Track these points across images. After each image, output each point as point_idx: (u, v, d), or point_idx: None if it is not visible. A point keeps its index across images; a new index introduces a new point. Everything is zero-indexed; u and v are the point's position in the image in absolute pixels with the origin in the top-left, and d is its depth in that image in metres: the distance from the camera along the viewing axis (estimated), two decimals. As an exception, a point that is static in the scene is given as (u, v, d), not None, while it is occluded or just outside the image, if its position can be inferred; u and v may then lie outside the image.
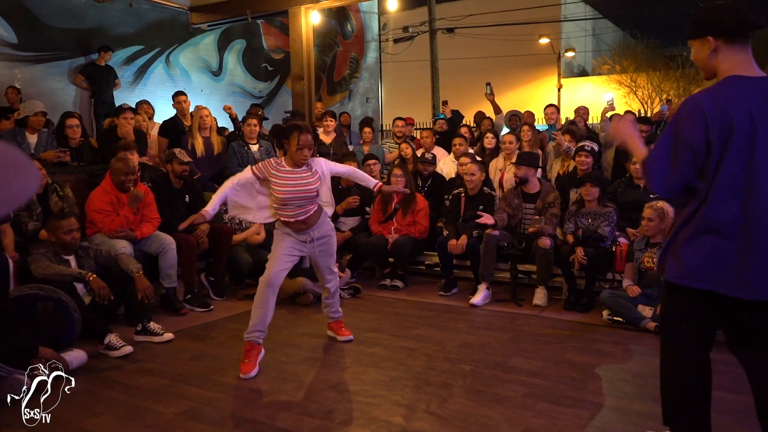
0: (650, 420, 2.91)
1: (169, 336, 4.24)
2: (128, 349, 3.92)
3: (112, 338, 3.92)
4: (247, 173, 3.72)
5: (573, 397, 3.19)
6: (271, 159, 3.79)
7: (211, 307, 5.11)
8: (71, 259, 4.30)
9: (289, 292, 5.26)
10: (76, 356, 3.64)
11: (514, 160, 6.20)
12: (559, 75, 23.12)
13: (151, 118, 7.36)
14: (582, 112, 7.70)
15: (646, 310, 4.40)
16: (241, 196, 3.76)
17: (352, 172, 4.20)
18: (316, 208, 3.79)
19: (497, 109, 7.61)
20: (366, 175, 4.20)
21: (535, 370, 3.59)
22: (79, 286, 4.17)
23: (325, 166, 3.85)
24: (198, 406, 3.15)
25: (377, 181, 4.07)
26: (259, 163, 3.75)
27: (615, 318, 4.50)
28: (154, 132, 6.89)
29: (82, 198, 5.06)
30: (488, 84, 7.53)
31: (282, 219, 3.76)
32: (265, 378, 3.53)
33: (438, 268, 5.87)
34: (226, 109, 7.36)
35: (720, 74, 2.19)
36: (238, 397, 3.26)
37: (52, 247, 4.25)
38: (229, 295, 5.52)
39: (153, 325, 4.25)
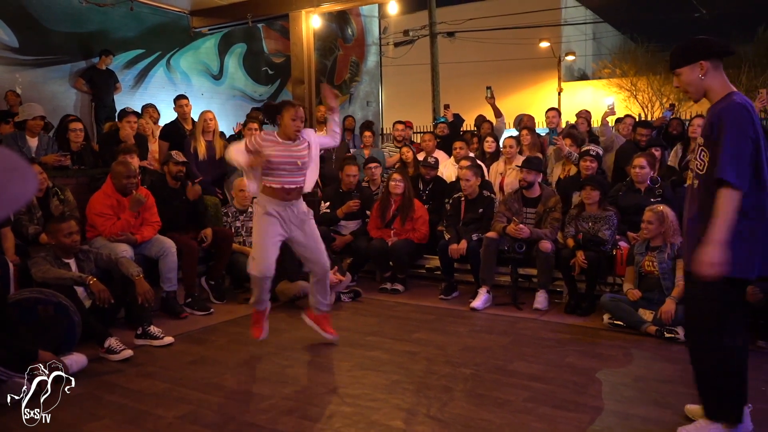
0: (652, 425, 2.91)
1: (169, 340, 4.24)
2: (128, 352, 3.91)
3: (112, 342, 3.91)
4: (240, 144, 3.91)
5: (574, 401, 3.19)
6: (262, 132, 3.97)
7: (212, 310, 5.10)
8: (71, 262, 4.31)
9: (289, 295, 5.26)
10: (76, 360, 3.64)
11: (513, 165, 6.21)
12: (559, 79, 23.13)
13: (156, 122, 7.36)
14: (585, 114, 7.75)
15: (646, 314, 4.39)
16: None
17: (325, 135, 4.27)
18: (301, 184, 3.95)
19: (498, 113, 7.61)
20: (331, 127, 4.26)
21: (536, 374, 3.58)
22: (80, 290, 4.17)
23: (313, 136, 4.05)
24: (198, 410, 3.14)
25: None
26: (251, 137, 3.90)
27: (616, 322, 4.49)
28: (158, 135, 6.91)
29: (82, 202, 5.06)
30: (489, 88, 7.53)
31: (269, 186, 3.85)
32: (265, 382, 3.53)
33: (439, 272, 5.86)
34: (237, 128, 7.44)
35: (711, 92, 2.60)
36: (238, 401, 3.26)
37: (52, 250, 4.25)
38: (229, 299, 5.52)
39: (153, 329, 4.24)
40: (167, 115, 7.64)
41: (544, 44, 22.10)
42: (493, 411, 3.08)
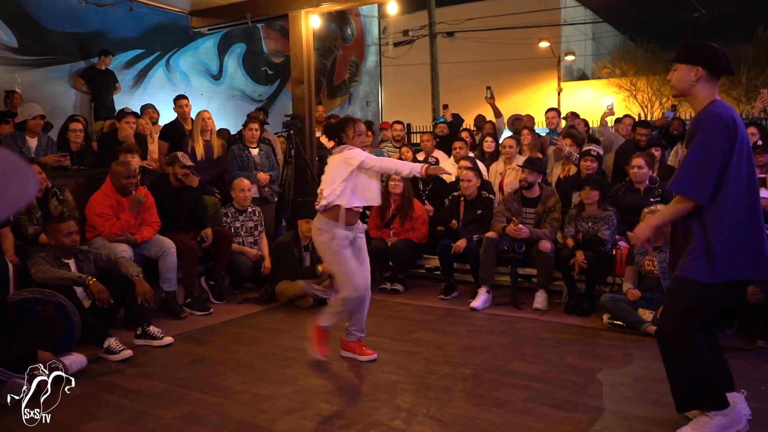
0: (651, 425, 2.91)
1: (168, 340, 4.24)
2: (128, 353, 3.91)
3: (111, 342, 3.91)
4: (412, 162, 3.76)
5: (573, 402, 3.19)
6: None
7: (211, 310, 5.10)
8: (71, 262, 4.30)
9: (289, 295, 5.26)
10: (75, 360, 3.63)
11: (513, 165, 6.21)
12: (559, 79, 23.13)
13: (156, 122, 7.34)
14: (570, 117, 7.84)
15: (646, 314, 4.39)
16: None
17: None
18: None
19: (498, 113, 7.61)
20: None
21: (535, 374, 3.58)
22: (79, 290, 4.17)
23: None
24: (198, 410, 3.14)
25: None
26: (355, 153, 3.65)
27: (615, 322, 4.49)
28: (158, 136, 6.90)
29: (82, 202, 5.06)
30: (489, 88, 7.52)
31: (349, 209, 3.65)
32: (265, 382, 3.53)
33: (438, 272, 5.86)
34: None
35: (695, 99, 2.67)
36: (238, 401, 3.26)
37: (51, 250, 4.25)
38: (229, 299, 5.51)
39: (153, 329, 4.24)
40: (167, 115, 7.63)
41: (544, 44, 22.09)
42: (492, 411, 3.08)
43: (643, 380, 3.49)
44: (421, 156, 6.91)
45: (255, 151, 6.42)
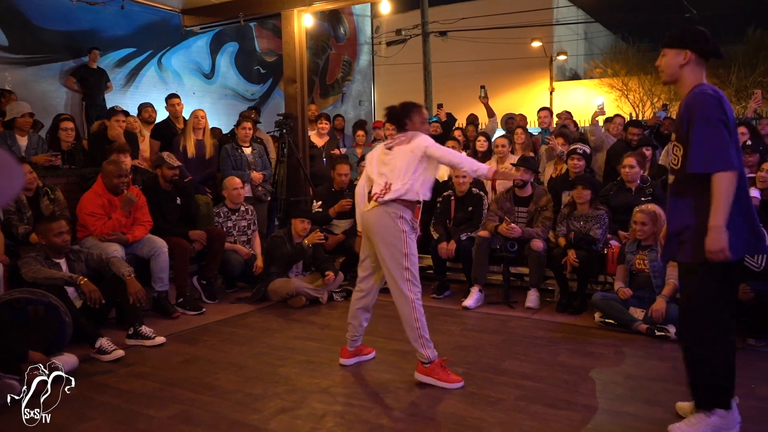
0: (643, 422, 2.92)
1: (161, 340, 4.22)
2: (120, 353, 3.89)
3: (103, 342, 3.89)
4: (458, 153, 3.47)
5: (566, 400, 3.20)
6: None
7: (203, 310, 5.09)
8: (62, 262, 4.28)
9: (282, 294, 5.25)
10: (66, 360, 3.61)
11: (505, 164, 6.22)
12: (551, 78, 23.19)
13: (153, 122, 7.28)
14: (563, 116, 7.92)
15: (637, 312, 4.41)
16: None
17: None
18: None
19: (491, 113, 7.62)
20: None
21: (527, 373, 3.60)
22: (70, 290, 4.14)
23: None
24: (190, 410, 3.13)
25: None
26: (421, 139, 3.44)
27: (607, 320, 4.52)
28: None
29: (73, 201, 5.03)
30: (483, 87, 7.53)
31: (418, 204, 3.45)
32: (257, 381, 3.52)
33: (431, 271, 5.87)
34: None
35: (683, 82, 2.69)
36: (230, 401, 3.25)
37: (42, 250, 4.22)
38: (221, 299, 5.50)
39: (145, 329, 4.23)
40: (159, 114, 7.60)
41: (536, 44, 22.13)
42: (485, 409, 3.09)
43: (635, 378, 3.51)
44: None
45: (248, 150, 6.40)
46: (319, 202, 6.16)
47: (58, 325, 3.76)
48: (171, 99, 6.88)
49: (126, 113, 6.46)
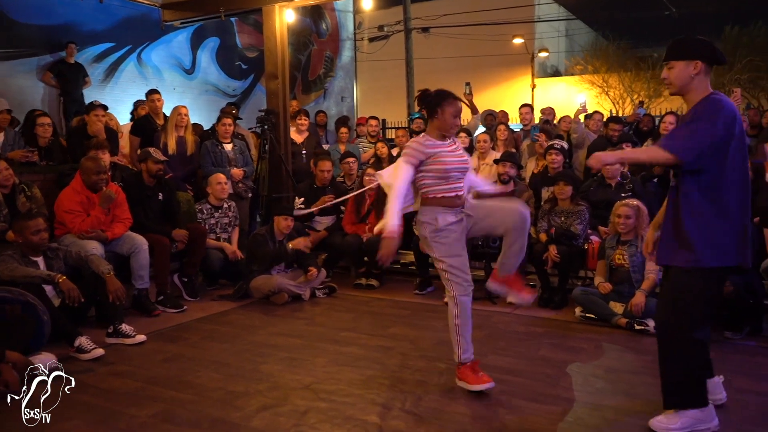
0: (623, 415, 2.96)
1: (141, 338, 4.18)
2: (99, 351, 3.85)
3: (82, 341, 3.85)
4: (406, 169, 3.21)
5: (547, 394, 3.23)
6: (416, 140, 3.31)
7: (184, 308, 5.04)
8: (40, 260, 4.22)
9: (264, 291, 5.23)
10: (44, 360, 3.56)
11: (486, 160, 6.26)
12: (532, 75, 23.35)
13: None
14: (547, 112, 7.98)
15: (617, 307, 4.47)
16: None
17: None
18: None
19: (474, 110, 7.64)
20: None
21: (509, 367, 3.62)
22: (48, 288, 4.09)
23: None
24: (172, 408, 3.11)
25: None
26: (407, 150, 3.26)
27: (587, 315, 4.56)
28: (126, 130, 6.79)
29: (51, 198, 4.96)
30: (468, 84, 7.53)
31: (442, 196, 3.26)
32: (239, 379, 3.51)
33: (413, 267, 5.88)
34: None
35: (694, 92, 2.69)
36: (212, 399, 3.23)
37: (19, 248, 4.16)
38: (202, 296, 5.46)
39: (125, 327, 4.18)
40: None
41: (518, 41, 22.23)
42: (467, 404, 3.11)
43: (615, 371, 3.55)
44: (395, 151, 6.91)
45: (228, 147, 6.35)
46: (301, 199, 6.14)
47: (36, 324, 3.70)
48: (151, 95, 6.79)
49: (105, 107, 6.36)
